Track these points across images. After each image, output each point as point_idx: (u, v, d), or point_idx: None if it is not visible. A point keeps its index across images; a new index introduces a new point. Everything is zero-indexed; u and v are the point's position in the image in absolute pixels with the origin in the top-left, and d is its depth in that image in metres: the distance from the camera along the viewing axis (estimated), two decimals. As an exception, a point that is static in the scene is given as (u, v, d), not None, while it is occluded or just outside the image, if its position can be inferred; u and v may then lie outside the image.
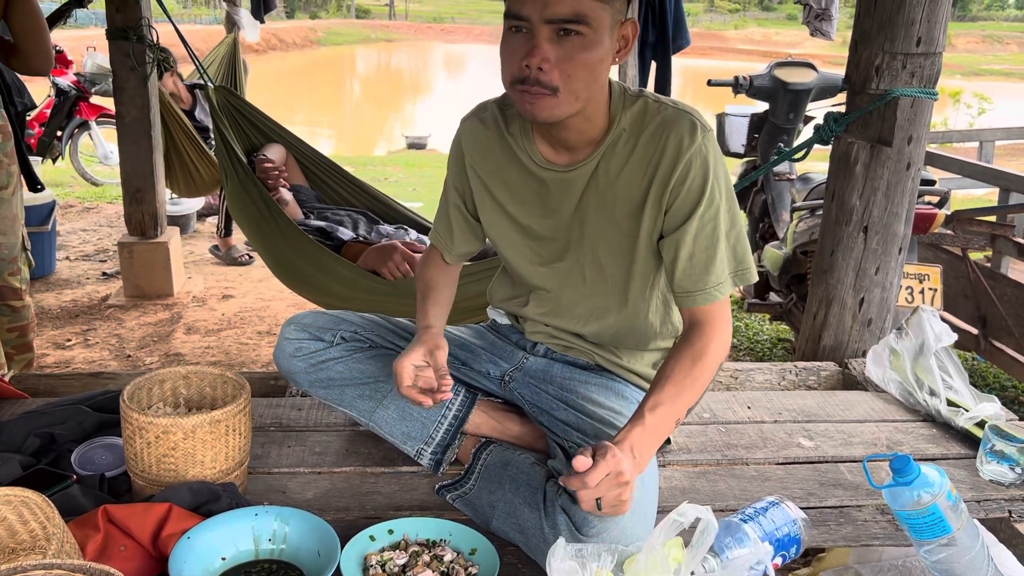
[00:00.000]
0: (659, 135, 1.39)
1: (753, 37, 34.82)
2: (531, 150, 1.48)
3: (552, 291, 1.58)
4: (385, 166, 9.13)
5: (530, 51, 1.28)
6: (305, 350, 1.62)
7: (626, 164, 1.43)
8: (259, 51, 20.95)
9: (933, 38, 2.06)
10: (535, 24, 1.27)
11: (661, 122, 1.40)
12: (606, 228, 1.47)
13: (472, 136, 1.56)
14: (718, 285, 1.42)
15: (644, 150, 1.41)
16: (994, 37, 35.28)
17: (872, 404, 1.99)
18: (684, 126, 1.38)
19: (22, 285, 2.53)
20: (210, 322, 3.85)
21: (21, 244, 2.50)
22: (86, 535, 1.25)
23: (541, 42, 1.27)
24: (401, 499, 1.56)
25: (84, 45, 6.99)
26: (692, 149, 1.38)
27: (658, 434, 1.32)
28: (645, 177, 1.41)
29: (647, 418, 1.30)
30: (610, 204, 1.45)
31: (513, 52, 1.31)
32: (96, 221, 5.64)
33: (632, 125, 1.42)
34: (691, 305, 1.43)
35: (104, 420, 1.67)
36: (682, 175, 1.38)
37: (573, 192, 1.47)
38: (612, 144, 1.43)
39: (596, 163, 1.44)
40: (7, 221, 2.42)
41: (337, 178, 3.49)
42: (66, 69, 6.65)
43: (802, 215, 3.21)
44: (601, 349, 1.62)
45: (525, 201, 1.52)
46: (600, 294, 1.54)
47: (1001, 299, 2.93)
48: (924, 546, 1.39)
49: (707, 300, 1.42)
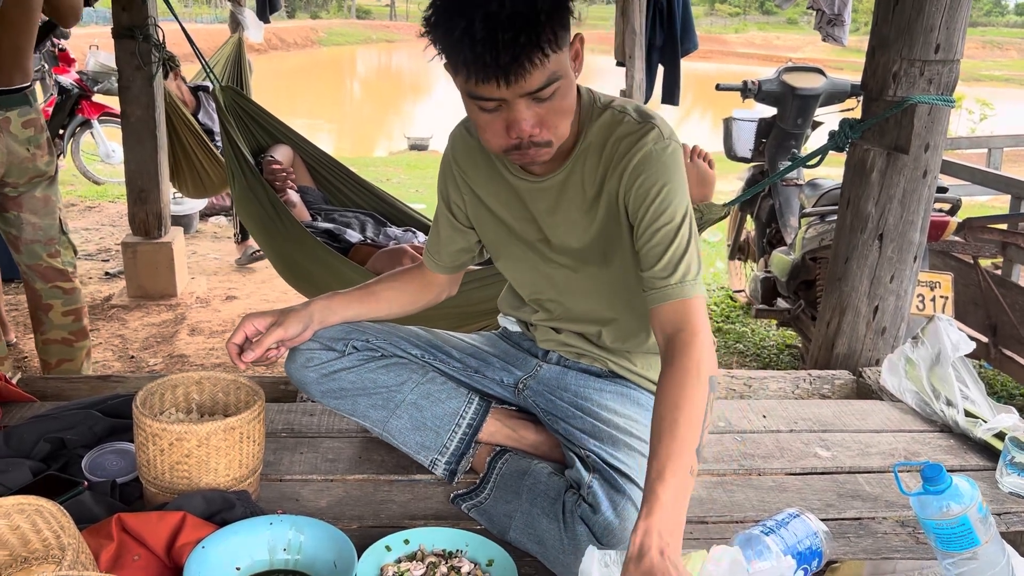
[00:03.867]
0: (619, 141, 1.41)
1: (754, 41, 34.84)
2: (505, 161, 1.49)
3: (553, 298, 1.58)
4: (387, 167, 9.11)
5: (513, 125, 1.26)
6: (316, 360, 1.59)
7: (596, 170, 1.43)
8: (260, 51, 20.94)
9: (952, 45, 2.04)
10: (511, 100, 1.24)
11: (623, 131, 1.41)
12: (588, 234, 1.48)
13: (461, 144, 1.56)
14: (684, 281, 1.33)
15: (609, 156, 1.41)
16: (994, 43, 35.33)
17: (888, 414, 1.98)
18: (641, 132, 1.39)
19: (68, 267, 2.59)
20: (214, 323, 3.82)
21: (59, 227, 2.56)
22: (100, 544, 1.23)
23: (522, 112, 1.25)
24: (416, 508, 1.54)
25: (87, 44, 6.97)
26: (642, 153, 1.38)
27: (678, 501, 1.13)
28: (611, 181, 1.42)
29: (659, 493, 1.11)
30: (586, 211, 1.46)
31: (492, 126, 1.28)
32: (98, 220, 5.61)
33: (597, 135, 1.43)
34: (660, 302, 1.34)
35: (115, 425, 1.65)
36: (631, 179, 1.38)
37: (548, 201, 1.48)
38: (581, 156, 1.44)
39: (567, 174, 1.45)
40: (38, 202, 2.49)
41: (344, 180, 3.48)
42: (69, 67, 6.63)
43: (811, 221, 3.19)
44: (614, 355, 1.61)
45: (512, 208, 1.53)
46: (597, 298, 1.55)
47: (1012, 307, 2.92)
48: (948, 558, 1.37)
49: (674, 296, 1.33)
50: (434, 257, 1.67)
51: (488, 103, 1.25)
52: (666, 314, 1.33)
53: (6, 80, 2.34)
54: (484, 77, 1.20)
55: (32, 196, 2.47)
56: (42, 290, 2.56)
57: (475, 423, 1.58)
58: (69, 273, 2.60)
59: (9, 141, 2.35)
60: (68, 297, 2.60)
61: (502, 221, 1.55)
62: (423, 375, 1.59)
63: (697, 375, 1.23)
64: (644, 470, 1.36)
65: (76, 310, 2.62)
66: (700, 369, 1.23)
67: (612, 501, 1.33)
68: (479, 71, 1.19)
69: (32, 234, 2.50)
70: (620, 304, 1.55)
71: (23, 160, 2.40)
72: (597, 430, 1.49)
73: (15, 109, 2.36)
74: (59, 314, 2.59)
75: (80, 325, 2.65)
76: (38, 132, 2.43)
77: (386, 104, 18.63)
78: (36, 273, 2.54)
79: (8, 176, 2.39)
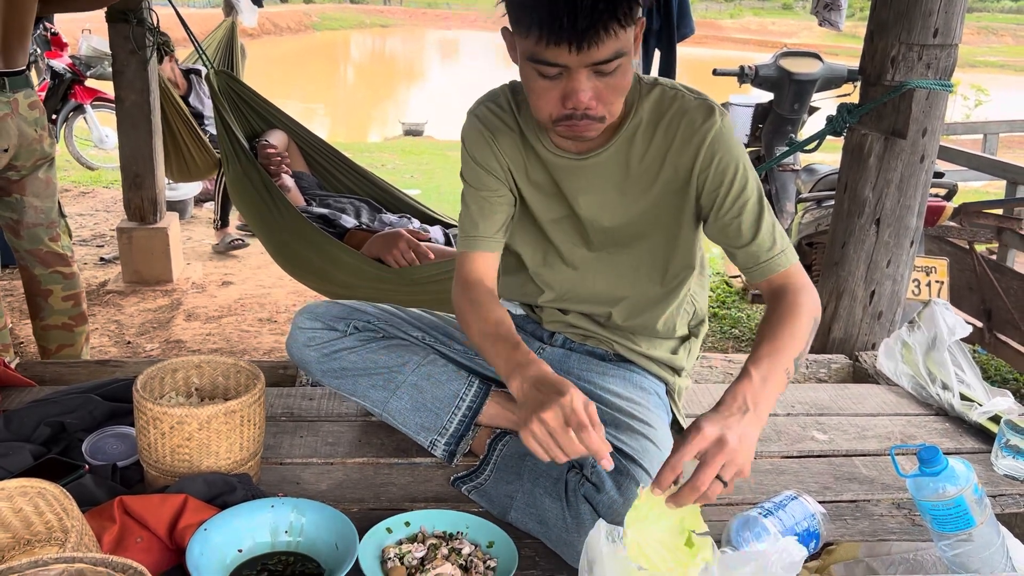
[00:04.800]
0: (678, 120, 1.41)
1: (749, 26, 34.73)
2: (543, 137, 1.47)
3: (566, 276, 1.58)
4: (382, 153, 9.08)
5: (571, 94, 1.25)
6: (318, 340, 1.60)
7: (648, 149, 1.43)
8: (253, 35, 20.79)
9: (950, 29, 2.05)
10: (574, 68, 1.23)
11: (679, 108, 1.41)
12: (626, 213, 1.48)
13: (492, 118, 1.52)
14: (782, 252, 1.41)
15: (664, 135, 1.41)
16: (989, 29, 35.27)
17: (884, 397, 1.99)
18: (702, 110, 1.40)
19: (67, 252, 2.59)
20: (210, 309, 3.82)
21: (58, 210, 2.56)
22: (102, 526, 1.23)
23: (583, 83, 1.24)
24: (416, 490, 1.55)
25: (79, 28, 6.91)
26: (712, 132, 1.39)
27: (770, 384, 1.24)
28: (669, 161, 1.42)
29: (752, 372, 1.24)
30: (631, 190, 1.46)
31: (548, 94, 1.27)
32: (92, 206, 5.59)
33: (650, 113, 1.42)
34: (761, 278, 1.43)
35: (115, 409, 1.65)
36: (707, 159, 1.40)
37: (587, 180, 1.47)
38: (631, 133, 1.43)
39: (613, 150, 1.44)
40: (41, 184, 2.49)
41: (339, 165, 3.46)
42: (61, 52, 6.57)
43: (808, 206, 3.20)
44: (620, 337, 1.62)
45: (538, 184, 1.52)
46: (615, 277, 1.55)
47: (1007, 292, 2.93)
48: (944, 539, 1.38)
49: (775, 268, 1.41)
50: (486, 234, 1.52)
51: (551, 69, 1.24)
52: (776, 280, 1.41)
53: (12, 61, 2.32)
54: (556, 40, 1.19)
55: (35, 178, 2.46)
56: (41, 275, 2.55)
57: (475, 405, 1.59)
58: (68, 257, 2.59)
59: (20, 123, 2.34)
60: (68, 282, 2.59)
61: (529, 194, 1.52)
62: (424, 357, 1.59)
63: (801, 309, 1.35)
64: (648, 452, 1.38)
65: (75, 295, 2.62)
66: (805, 306, 1.36)
67: (616, 480, 1.34)
68: (553, 33, 1.18)
69: (34, 217, 2.49)
70: (634, 282, 1.56)
71: (32, 142, 2.39)
72: (601, 413, 1.50)
73: (21, 91, 2.35)
74: (59, 299, 2.58)
75: (79, 310, 2.64)
76: (42, 113, 2.43)
77: (380, 89, 18.54)
78: (36, 258, 2.53)
79: (16, 159, 2.38)
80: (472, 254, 1.52)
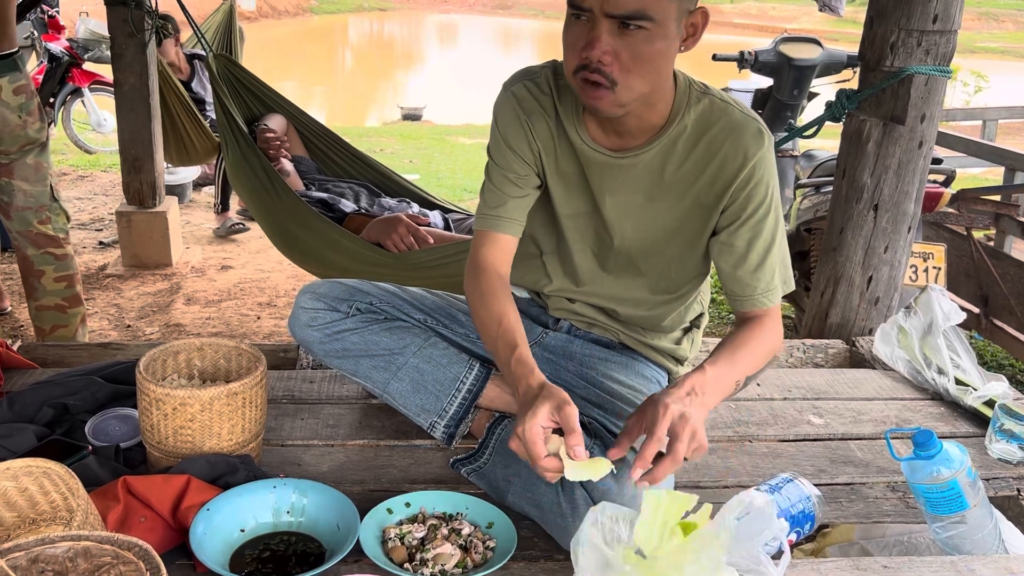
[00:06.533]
0: (724, 136, 1.39)
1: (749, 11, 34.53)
2: (580, 127, 1.44)
3: (579, 271, 1.57)
4: (380, 137, 9.05)
5: (590, 43, 1.25)
6: (320, 320, 1.61)
7: (687, 159, 1.41)
8: (251, 19, 20.67)
9: (950, 15, 2.05)
10: (596, 15, 1.24)
11: (728, 124, 1.39)
12: (655, 220, 1.46)
13: (529, 99, 1.46)
14: (768, 292, 1.44)
15: (707, 149, 1.40)
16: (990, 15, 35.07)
17: (880, 382, 2.01)
18: (751, 131, 1.39)
19: (59, 233, 2.60)
20: (210, 293, 3.83)
21: (51, 194, 2.56)
22: (107, 506, 1.25)
23: (602, 34, 1.24)
24: (416, 472, 1.57)
25: (77, 11, 6.88)
26: (758, 156, 1.38)
27: (720, 385, 1.33)
28: (707, 175, 1.40)
29: (707, 368, 1.31)
30: (662, 197, 1.44)
31: (574, 41, 1.28)
32: (91, 189, 5.58)
33: (696, 123, 1.40)
34: (740, 309, 1.47)
35: (117, 391, 1.66)
36: (745, 179, 1.39)
37: (619, 180, 1.44)
38: (673, 138, 1.40)
39: (652, 154, 1.41)
40: (30, 169, 2.49)
41: (339, 150, 3.45)
42: (58, 35, 6.54)
43: (807, 192, 3.21)
44: (625, 328, 1.62)
45: (567, 181, 1.48)
46: (626, 280, 1.55)
47: (1003, 278, 2.94)
48: (937, 522, 1.40)
49: (755, 305, 1.45)
50: (513, 216, 1.49)
51: (579, 10, 1.26)
52: (754, 312, 1.46)
53: None
54: None
55: (23, 163, 2.46)
56: (34, 256, 2.57)
57: (475, 389, 1.60)
58: (60, 239, 2.59)
59: (1, 108, 2.34)
60: (60, 263, 2.60)
61: (554, 184, 1.49)
62: (425, 339, 1.60)
63: (766, 341, 1.43)
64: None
65: (68, 276, 2.63)
66: (770, 343, 1.44)
67: (611, 467, 1.35)
68: None
69: (23, 201, 2.50)
70: (643, 291, 1.55)
71: (15, 127, 2.39)
72: (600, 399, 1.52)
73: (6, 76, 2.34)
74: (51, 280, 2.59)
75: (73, 291, 2.65)
76: (29, 98, 2.42)
77: (379, 73, 18.45)
78: (27, 239, 2.55)
79: (0, 144, 2.38)
80: (491, 234, 1.49)
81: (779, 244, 1.44)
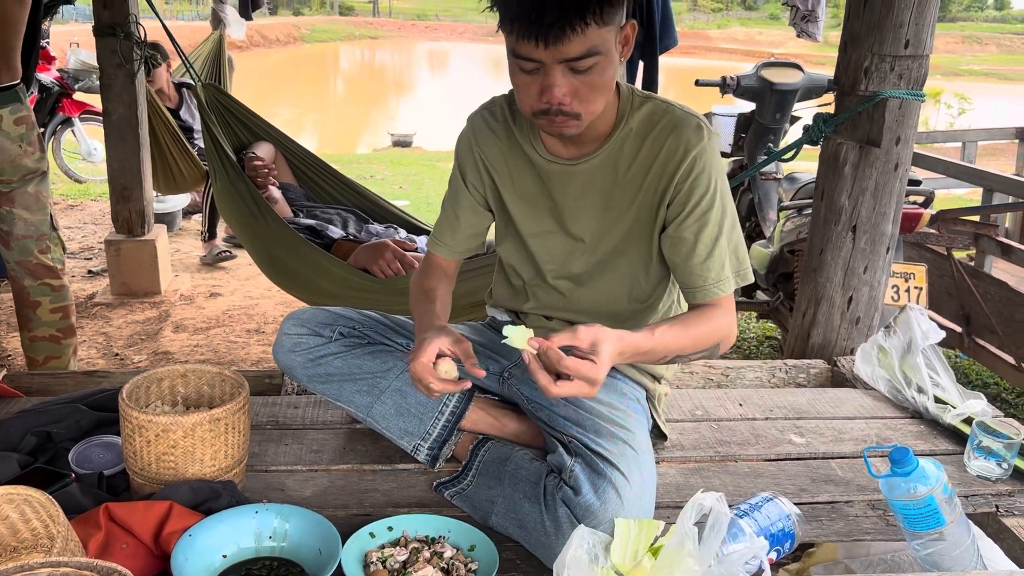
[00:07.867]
0: (666, 133, 1.45)
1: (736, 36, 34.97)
2: (536, 143, 1.52)
3: (552, 285, 1.60)
4: (370, 164, 9.10)
5: (547, 89, 1.30)
6: (304, 345, 1.62)
7: (634, 161, 1.47)
8: (242, 48, 20.81)
9: (921, 40, 2.09)
10: (548, 64, 1.28)
11: (668, 122, 1.45)
12: (615, 223, 1.51)
13: (483, 127, 1.58)
14: (719, 282, 1.46)
15: (652, 146, 1.45)
16: (973, 38, 35.61)
17: (861, 401, 2.02)
18: (691, 126, 1.44)
19: (57, 264, 2.60)
20: (198, 320, 3.83)
21: (50, 223, 2.57)
22: (88, 533, 1.25)
23: (557, 79, 1.29)
24: (399, 496, 1.57)
25: (67, 41, 6.92)
26: (699, 148, 1.43)
27: (647, 349, 1.35)
28: (653, 172, 1.46)
29: (644, 332, 1.34)
30: (618, 199, 1.49)
31: (528, 88, 1.33)
32: (80, 219, 5.60)
33: (641, 124, 1.47)
34: (693, 302, 1.49)
35: (101, 419, 1.67)
36: (687, 171, 1.43)
37: (578, 186, 1.51)
38: (620, 141, 1.47)
39: (603, 157, 1.48)
40: (31, 198, 2.49)
41: (326, 176, 3.49)
42: (49, 65, 6.58)
43: (789, 214, 3.24)
44: None
45: (529, 193, 1.55)
46: (599, 286, 1.58)
47: (984, 297, 2.97)
48: (916, 539, 1.42)
49: (707, 296, 1.47)
50: (448, 243, 1.66)
51: (528, 64, 1.29)
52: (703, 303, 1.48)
53: None
54: (526, 35, 1.25)
55: (24, 192, 2.47)
56: (31, 287, 2.57)
57: (458, 411, 1.62)
58: (58, 270, 2.60)
59: (1, 139, 2.36)
60: (56, 294, 2.60)
61: (514, 205, 1.57)
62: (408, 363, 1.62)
63: (714, 328, 1.44)
64: (626, 456, 1.40)
65: (64, 307, 2.63)
66: (719, 330, 1.46)
67: (593, 484, 1.36)
68: (522, 28, 1.25)
69: (24, 230, 2.50)
70: (615, 300, 1.58)
71: (15, 157, 2.40)
72: (581, 417, 1.53)
73: (7, 107, 2.36)
74: (47, 311, 2.59)
75: (68, 322, 2.65)
76: (30, 129, 2.44)
77: (369, 101, 18.58)
78: (25, 270, 2.55)
79: (1, 174, 2.40)
80: (436, 256, 1.68)
81: (728, 235, 1.47)
